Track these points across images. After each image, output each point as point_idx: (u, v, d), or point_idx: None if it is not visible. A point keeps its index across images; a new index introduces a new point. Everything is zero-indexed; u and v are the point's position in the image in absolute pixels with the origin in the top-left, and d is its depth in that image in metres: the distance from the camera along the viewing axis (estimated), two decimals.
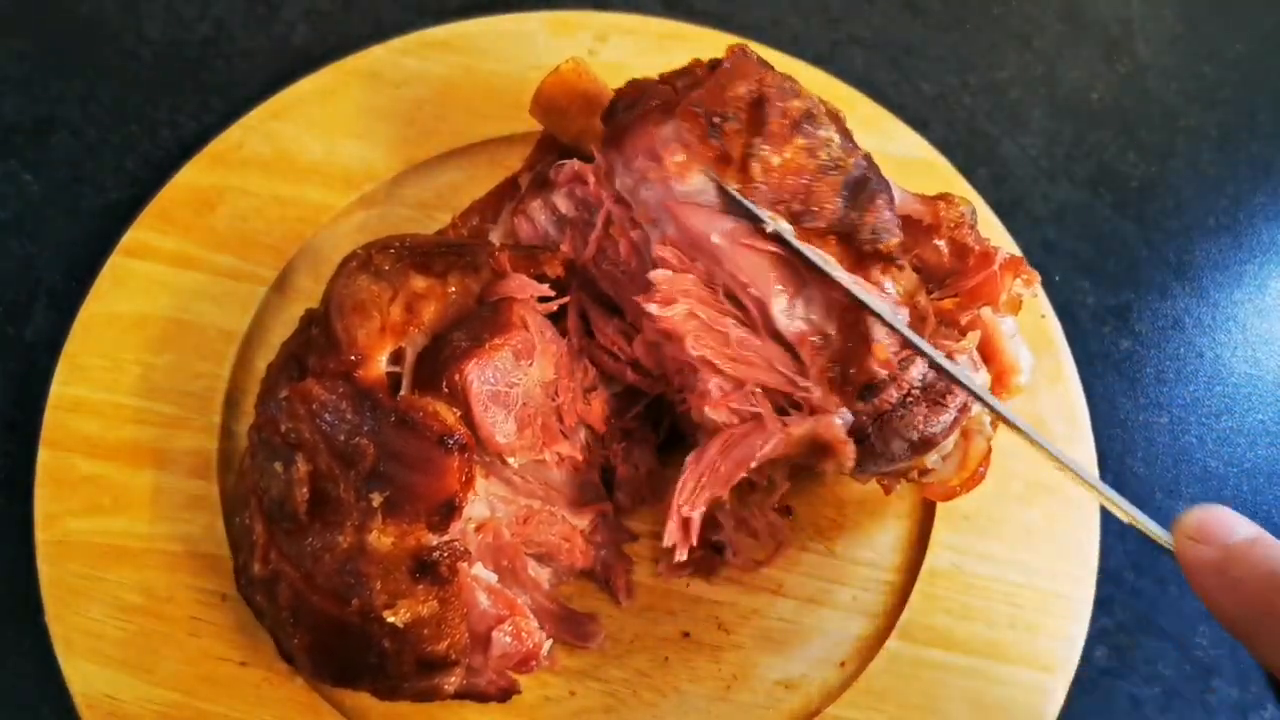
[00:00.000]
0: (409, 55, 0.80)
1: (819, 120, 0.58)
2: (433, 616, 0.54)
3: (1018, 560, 0.68)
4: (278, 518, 0.56)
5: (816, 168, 0.57)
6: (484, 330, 0.58)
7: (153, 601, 0.65)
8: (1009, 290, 0.60)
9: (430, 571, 0.54)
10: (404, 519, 0.54)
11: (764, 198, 0.56)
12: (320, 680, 0.59)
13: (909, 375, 0.57)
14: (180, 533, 0.66)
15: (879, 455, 0.58)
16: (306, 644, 0.56)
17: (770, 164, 0.56)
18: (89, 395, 0.69)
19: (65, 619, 0.64)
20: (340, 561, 0.54)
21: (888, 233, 0.56)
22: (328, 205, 0.75)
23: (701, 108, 0.57)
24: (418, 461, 0.54)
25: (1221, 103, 0.87)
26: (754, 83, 0.57)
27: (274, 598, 0.56)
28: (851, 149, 0.58)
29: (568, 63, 0.65)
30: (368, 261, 0.60)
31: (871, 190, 0.57)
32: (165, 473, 0.68)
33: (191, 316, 0.72)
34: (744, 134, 0.56)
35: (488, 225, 0.69)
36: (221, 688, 0.63)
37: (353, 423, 0.55)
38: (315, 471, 0.55)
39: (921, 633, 0.66)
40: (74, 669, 0.63)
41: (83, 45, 0.84)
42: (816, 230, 0.56)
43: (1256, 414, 0.77)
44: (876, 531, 0.69)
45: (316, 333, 0.60)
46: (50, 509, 0.67)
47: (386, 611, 0.53)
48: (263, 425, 0.58)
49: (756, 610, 0.67)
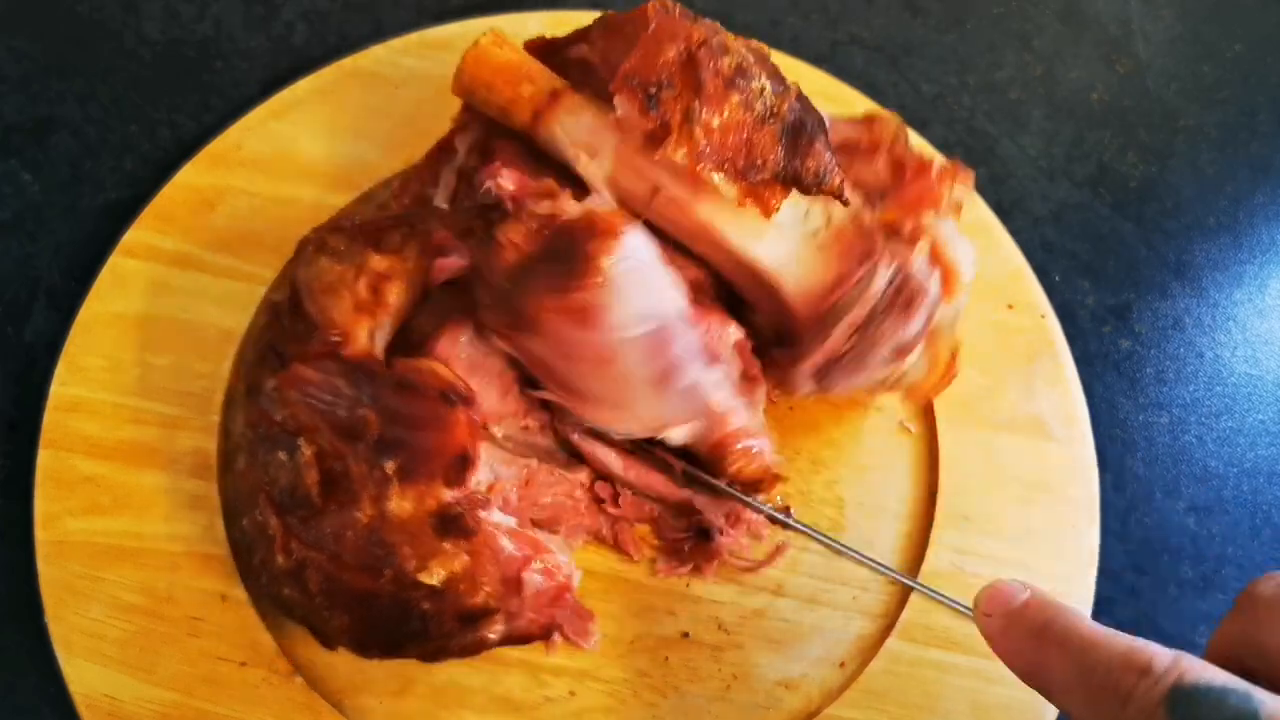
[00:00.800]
0: (409, 55, 0.80)
1: (750, 72, 0.58)
2: (465, 570, 0.54)
3: (1018, 560, 0.68)
4: (290, 507, 0.55)
5: (754, 120, 0.57)
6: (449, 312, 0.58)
7: (153, 601, 0.65)
8: (949, 194, 0.63)
9: (455, 526, 0.54)
10: (420, 480, 0.54)
11: (709, 159, 0.57)
12: (368, 657, 0.58)
13: (871, 290, 0.59)
14: (180, 533, 0.66)
15: (856, 372, 0.60)
16: (346, 625, 0.56)
17: (711, 126, 0.57)
18: (89, 396, 0.69)
19: (64, 619, 0.64)
20: (365, 536, 0.54)
21: (830, 173, 0.58)
22: (328, 205, 0.75)
23: (636, 79, 0.57)
24: (424, 420, 0.54)
25: (1221, 103, 0.87)
26: (682, 41, 0.57)
27: (304, 586, 0.56)
28: (782, 92, 0.59)
29: (486, 35, 0.63)
30: (323, 244, 0.60)
31: (809, 135, 0.58)
32: (165, 473, 0.68)
33: (191, 316, 0.72)
34: (680, 99, 0.57)
35: (429, 190, 0.69)
36: (221, 688, 0.63)
37: (350, 397, 0.55)
38: (321, 453, 0.55)
39: (921, 633, 0.66)
40: (73, 669, 0.63)
41: (83, 45, 0.84)
42: (763, 182, 0.58)
43: (1256, 414, 0.77)
44: (876, 531, 0.69)
45: (290, 322, 0.60)
46: (50, 509, 0.67)
47: (421, 574, 0.53)
48: (256, 421, 0.58)
49: (756, 610, 0.67)
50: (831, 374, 0.62)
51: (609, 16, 0.63)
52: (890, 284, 0.60)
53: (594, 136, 0.61)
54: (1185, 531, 0.73)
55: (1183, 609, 0.71)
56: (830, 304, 0.61)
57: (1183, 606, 0.71)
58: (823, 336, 0.61)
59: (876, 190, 0.64)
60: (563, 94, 0.62)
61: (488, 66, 0.63)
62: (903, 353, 0.61)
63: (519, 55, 0.64)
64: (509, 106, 0.63)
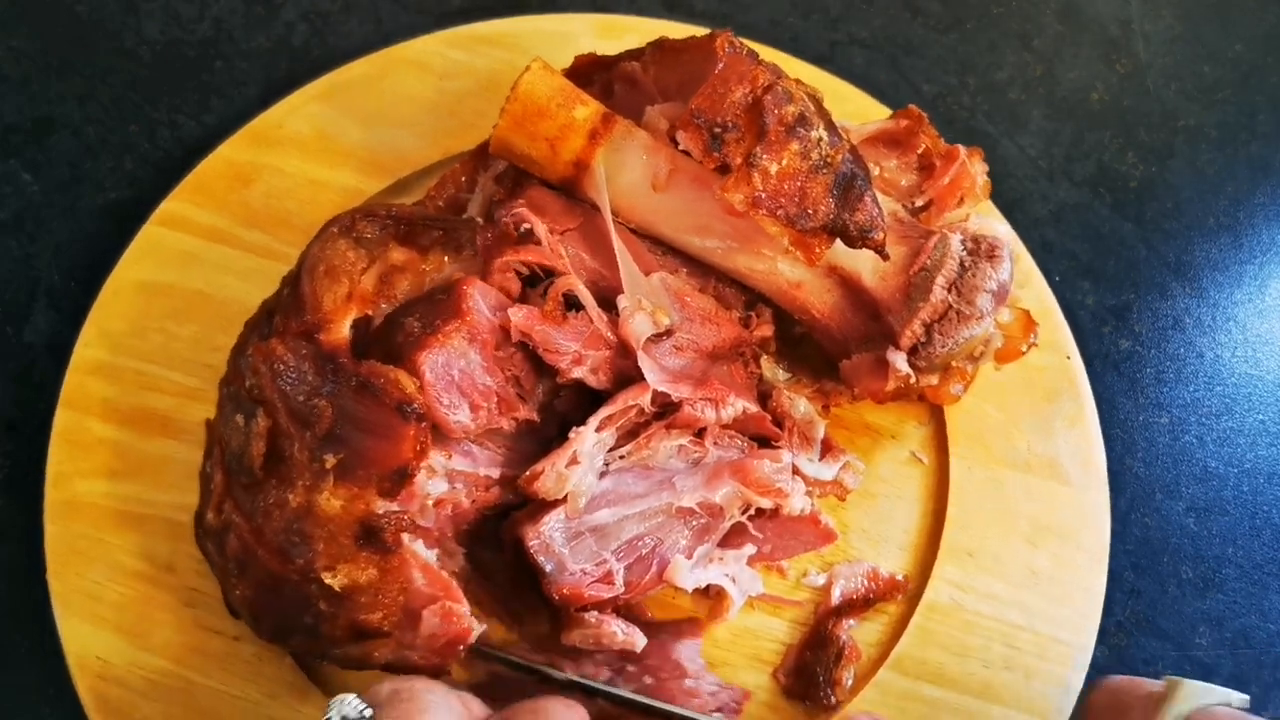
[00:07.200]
0: (457, 48, 0.80)
1: (811, 121, 0.60)
2: (370, 584, 0.55)
3: (1020, 601, 0.67)
4: (236, 470, 0.56)
5: (809, 169, 0.59)
6: (437, 315, 0.58)
7: (153, 568, 0.65)
8: (980, 176, 0.67)
9: (374, 539, 0.54)
10: (355, 483, 0.54)
11: (765, 204, 0.59)
12: (260, 635, 0.59)
13: (951, 249, 0.63)
14: (187, 503, 0.66)
15: (963, 325, 0.62)
16: (248, 597, 0.56)
17: (769, 172, 0.58)
18: (110, 360, 0.70)
19: (65, 578, 0.65)
20: (288, 520, 0.54)
21: (875, 229, 0.60)
22: (360, 190, 0.75)
23: (703, 119, 0.58)
24: (374, 426, 0.54)
25: (1221, 103, 0.87)
26: (748, 83, 0.59)
27: (223, 548, 0.57)
28: (837, 143, 0.60)
29: (535, 61, 0.63)
30: (350, 227, 0.60)
31: (859, 189, 0.60)
32: (177, 442, 0.68)
33: (216, 289, 0.72)
34: (744, 142, 0.59)
35: (464, 196, 0.69)
36: (213, 660, 0.63)
37: (312, 384, 0.55)
38: (274, 428, 0.55)
39: (914, 666, 0.65)
40: (70, 628, 0.63)
41: (82, 45, 0.84)
42: (811, 231, 0.59)
43: (1256, 414, 0.77)
44: (878, 559, 0.69)
45: (288, 293, 0.60)
46: (62, 469, 0.67)
47: (325, 574, 0.54)
48: (231, 379, 0.59)
49: (751, 629, 0.67)
50: (933, 338, 0.63)
51: (664, 40, 0.64)
52: (964, 243, 0.63)
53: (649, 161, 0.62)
54: (1185, 531, 0.73)
55: (1183, 609, 0.71)
56: (913, 274, 0.63)
57: (1183, 606, 0.71)
58: (918, 302, 0.63)
59: (909, 192, 0.68)
60: (615, 118, 0.63)
61: (543, 89, 0.62)
62: (1002, 296, 0.63)
63: (566, 82, 0.64)
64: (560, 134, 0.62)
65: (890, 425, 0.72)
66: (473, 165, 0.70)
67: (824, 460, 0.68)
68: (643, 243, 0.65)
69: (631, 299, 0.62)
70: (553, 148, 0.62)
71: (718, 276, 0.67)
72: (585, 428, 0.60)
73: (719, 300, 0.67)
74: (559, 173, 0.63)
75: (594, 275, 0.64)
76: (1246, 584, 0.72)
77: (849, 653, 0.65)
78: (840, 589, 0.67)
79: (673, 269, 0.66)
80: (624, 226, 0.64)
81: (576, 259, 0.63)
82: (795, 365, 0.71)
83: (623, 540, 0.62)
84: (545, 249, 0.62)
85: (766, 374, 0.70)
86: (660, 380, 0.61)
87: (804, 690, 0.64)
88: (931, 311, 0.63)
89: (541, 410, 0.63)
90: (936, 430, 0.71)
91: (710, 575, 0.65)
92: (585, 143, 0.62)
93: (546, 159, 0.63)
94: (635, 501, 0.62)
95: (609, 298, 0.63)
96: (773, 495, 0.64)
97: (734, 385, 0.66)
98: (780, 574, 0.68)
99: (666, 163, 0.62)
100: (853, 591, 0.67)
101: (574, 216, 0.64)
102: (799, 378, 0.71)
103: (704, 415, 0.63)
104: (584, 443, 0.60)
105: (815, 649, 0.65)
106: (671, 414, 0.63)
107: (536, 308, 0.60)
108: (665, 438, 0.63)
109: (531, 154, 0.63)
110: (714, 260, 0.65)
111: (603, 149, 0.62)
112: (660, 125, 0.63)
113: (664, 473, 0.63)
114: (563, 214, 0.64)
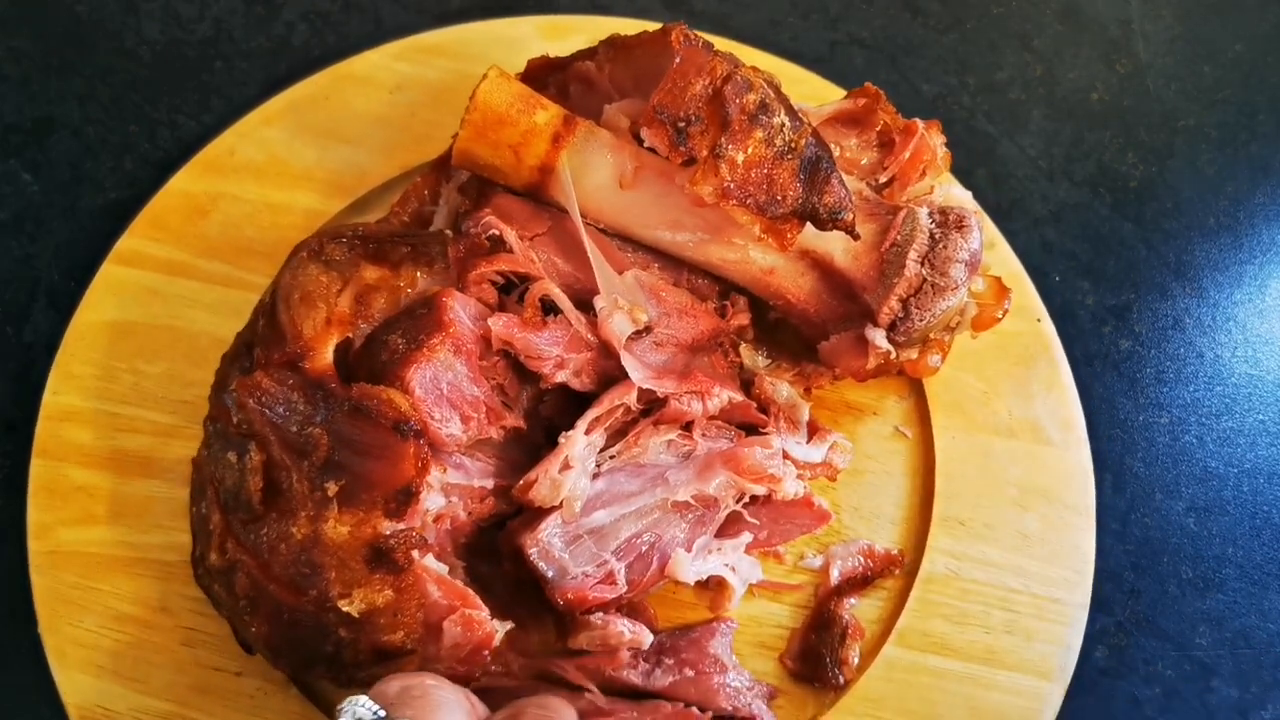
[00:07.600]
0: (402, 60, 0.79)
1: (772, 108, 0.60)
2: (388, 605, 0.54)
3: (1014, 565, 0.68)
4: (233, 507, 0.56)
5: (774, 155, 0.59)
6: (419, 330, 0.58)
7: (146, 611, 0.65)
8: (939, 147, 0.67)
9: (386, 560, 0.54)
10: (360, 507, 0.54)
11: (734, 195, 0.59)
12: (279, 668, 0.59)
13: (921, 223, 0.63)
14: (174, 542, 0.66)
15: (938, 297, 0.62)
16: (264, 633, 0.56)
17: (735, 162, 0.58)
18: (81, 404, 0.69)
19: (59, 629, 0.64)
20: (296, 551, 0.54)
21: (844, 209, 0.61)
22: (320, 211, 0.75)
23: (666, 114, 0.58)
24: (373, 448, 0.54)
25: (1221, 103, 0.87)
26: (707, 75, 0.59)
27: (231, 587, 0.56)
28: (800, 127, 0.60)
29: (492, 69, 0.62)
30: (319, 251, 0.60)
31: (825, 171, 0.60)
32: (158, 481, 0.68)
33: (184, 324, 0.72)
34: (708, 134, 0.58)
35: (428, 209, 0.69)
36: (216, 698, 0.63)
37: (304, 413, 0.55)
38: (269, 461, 0.55)
39: (918, 639, 0.66)
40: (67, 680, 0.63)
41: (82, 45, 0.84)
42: (782, 217, 0.60)
43: (1256, 414, 0.77)
44: (872, 536, 0.69)
45: (264, 324, 0.60)
46: (43, 519, 0.66)
47: (342, 601, 0.54)
48: (216, 416, 0.58)
49: (754, 616, 0.67)
50: (910, 313, 0.63)
51: (616, 38, 0.64)
52: (931, 216, 0.64)
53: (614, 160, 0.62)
54: (1185, 531, 0.73)
55: (1183, 609, 0.71)
56: (885, 251, 0.64)
57: (1183, 606, 0.71)
58: (892, 279, 0.63)
59: (869, 169, 0.67)
60: (577, 120, 0.62)
61: (502, 97, 0.61)
62: (975, 265, 0.63)
63: (525, 87, 0.64)
64: (523, 140, 0.61)
65: (871, 402, 0.72)
66: (435, 178, 0.69)
67: (812, 442, 0.68)
68: (612, 241, 0.65)
69: (608, 299, 0.62)
70: (516, 155, 0.62)
71: (690, 269, 0.67)
72: (575, 431, 0.60)
73: (694, 293, 0.67)
74: (524, 179, 0.63)
75: (568, 278, 0.64)
76: (1246, 584, 0.72)
77: (853, 631, 0.65)
78: (838, 569, 0.67)
79: (645, 265, 0.66)
80: (593, 227, 0.64)
81: (549, 263, 0.64)
82: (774, 351, 0.71)
83: (621, 539, 0.62)
84: (517, 256, 0.62)
85: (747, 362, 0.70)
86: (644, 377, 0.61)
87: (812, 672, 0.65)
88: (907, 286, 0.63)
89: (528, 417, 0.63)
90: (917, 403, 0.72)
91: (710, 566, 0.65)
92: (549, 147, 0.62)
93: (511, 166, 0.63)
94: (630, 500, 0.62)
95: (585, 299, 0.63)
96: (766, 481, 0.64)
97: (717, 376, 0.66)
98: (777, 559, 0.68)
99: (632, 160, 0.62)
100: (851, 570, 0.68)
101: (542, 221, 0.64)
102: (779, 363, 0.70)
103: (690, 408, 0.63)
104: (575, 446, 0.60)
105: (819, 630, 0.65)
106: (658, 410, 0.63)
107: (515, 315, 0.60)
108: (654, 434, 0.63)
109: (495, 163, 0.63)
110: (686, 254, 0.65)
111: (566, 152, 0.62)
112: (621, 123, 0.63)
113: (656, 469, 0.63)
114: (531, 219, 0.64)
